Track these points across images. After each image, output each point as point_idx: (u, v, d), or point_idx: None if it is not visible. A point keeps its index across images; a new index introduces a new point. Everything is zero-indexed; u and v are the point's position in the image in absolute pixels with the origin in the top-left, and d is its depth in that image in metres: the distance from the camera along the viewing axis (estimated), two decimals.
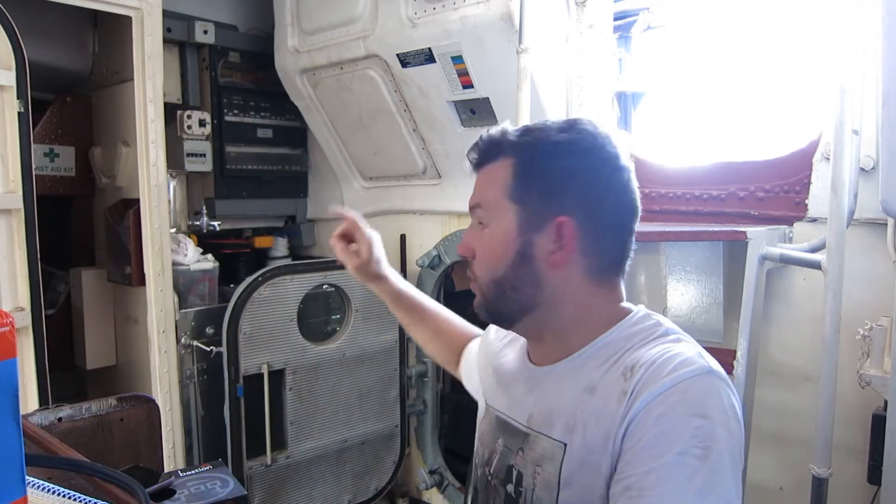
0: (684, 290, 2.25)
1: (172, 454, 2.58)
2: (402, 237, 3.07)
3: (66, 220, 3.13)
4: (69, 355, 2.95)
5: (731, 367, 1.88)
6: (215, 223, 3.02)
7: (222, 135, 3.03)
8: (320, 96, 3.01)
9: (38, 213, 2.15)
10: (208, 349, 2.58)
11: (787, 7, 2.38)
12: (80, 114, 2.89)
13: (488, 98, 2.46)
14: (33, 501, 0.71)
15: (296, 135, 3.32)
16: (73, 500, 0.73)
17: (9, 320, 0.60)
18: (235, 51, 3.07)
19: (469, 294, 1.10)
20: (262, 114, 3.18)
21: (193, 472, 0.83)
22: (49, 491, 0.74)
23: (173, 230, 2.76)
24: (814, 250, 1.93)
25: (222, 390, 2.46)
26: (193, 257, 2.73)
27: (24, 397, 2.11)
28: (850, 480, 1.88)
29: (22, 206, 2.11)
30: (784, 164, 2.18)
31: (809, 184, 2.11)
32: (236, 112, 3.08)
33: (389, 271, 1.39)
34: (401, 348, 2.88)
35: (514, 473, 1.02)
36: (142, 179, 2.51)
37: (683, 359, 0.89)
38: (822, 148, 2.07)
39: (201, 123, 2.89)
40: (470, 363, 1.31)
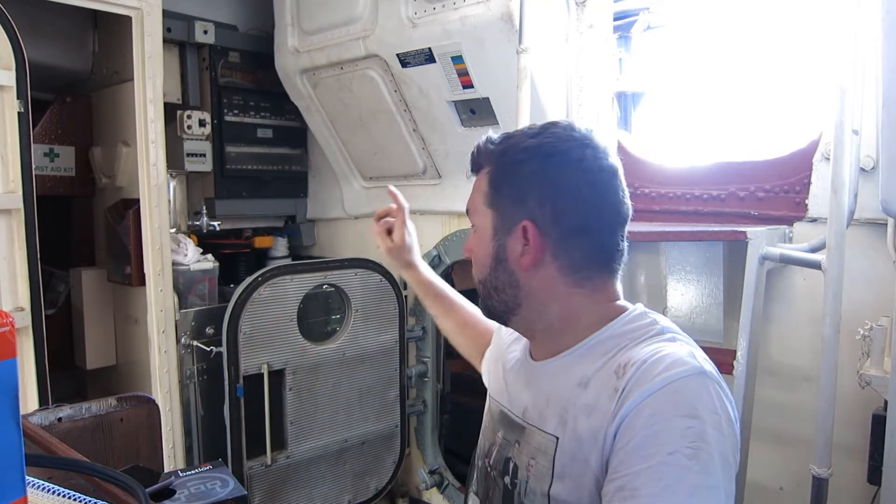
0: (684, 290, 2.25)
1: (172, 454, 2.58)
2: None
3: (66, 220, 3.13)
4: (69, 355, 2.95)
5: (731, 367, 1.88)
6: (215, 223, 3.02)
7: (222, 135, 3.03)
8: (320, 96, 3.01)
9: (38, 213, 2.15)
10: (208, 349, 2.58)
11: (787, 7, 2.38)
12: (80, 114, 2.89)
13: (488, 98, 2.46)
14: (33, 501, 0.71)
15: (296, 135, 3.32)
16: (73, 500, 0.73)
17: (9, 320, 0.60)
18: (235, 51, 3.07)
19: (469, 294, 1.13)
20: (262, 114, 3.18)
21: (193, 472, 0.83)
22: (49, 491, 0.74)
23: (173, 230, 2.76)
24: (814, 250, 1.93)
25: (222, 390, 2.46)
26: (193, 257, 2.73)
27: (24, 397, 2.12)
28: (850, 480, 1.88)
29: (22, 206, 2.11)
30: (784, 164, 2.18)
31: (809, 184, 2.11)
32: (236, 112, 3.08)
33: (420, 262, 1.51)
34: (401, 348, 2.88)
35: (511, 466, 1.04)
36: (142, 179, 2.51)
37: (675, 359, 0.89)
38: (822, 148, 2.07)
39: (201, 123, 2.89)
40: (488, 358, 1.34)
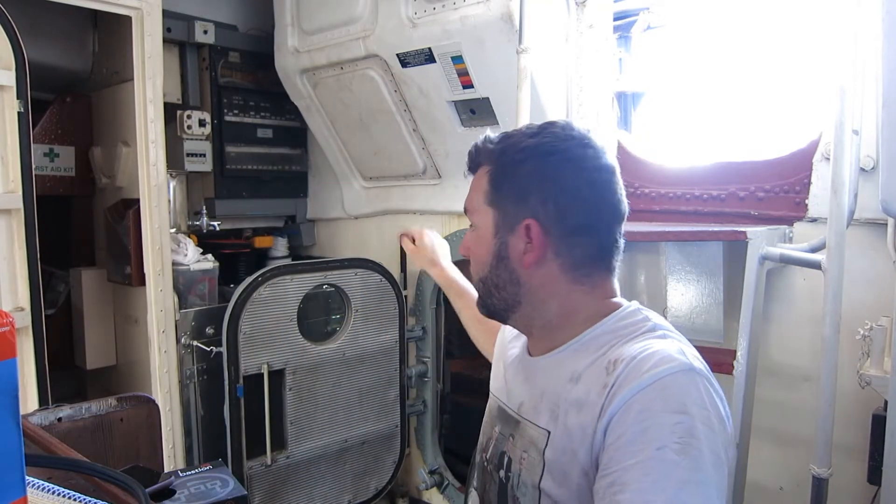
0: (684, 290, 2.25)
1: (172, 454, 2.58)
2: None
3: (66, 220, 3.13)
4: (69, 355, 2.95)
5: (731, 367, 1.88)
6: (215, 223, 3.02)
7: (222, 135, 3.03)
8: (320, 96, 3.01)
9: (38, 213, 2.15)
10: (208, 349, 2.58)
11: (787, 7, 2.38)
12: (80, 114, 2.89)
13: (488, 98, 2.46)
14: (33, 501, 0.71)
15: (296, 135, 3.32)
16: (73, 500, 0.73)
17: (9, 320, 0.60)
18: (235, 51, 3.07)
19: None
20: (262, 114, 3.18)
21: (193, 472, 0.83)
22: (49, 491, 0.74)
23: (173, 230, 2.76)
24: (814, 250, 1.93)
25: (222, 390, 2.46)
26: (193, 257, 2.73)
27: (24, 397, 2.11)
28: (850, 480, 1.88)
29: (22, 206, 2.11)
30: (784, 164, 2.18)
31: (809, 184, 2.11)
32: (236, 112, 3.08)
33: (446, 262, 1.67)
34: (401, 348, 2.88)
35: (506, 459, 1.06)
36: (142, 179, 2.51)
37: (663, 356, 0.90)
38: (822, 148, 2.07)
39: (201, 123, 2.89)
40: (493, 355, 1.36)
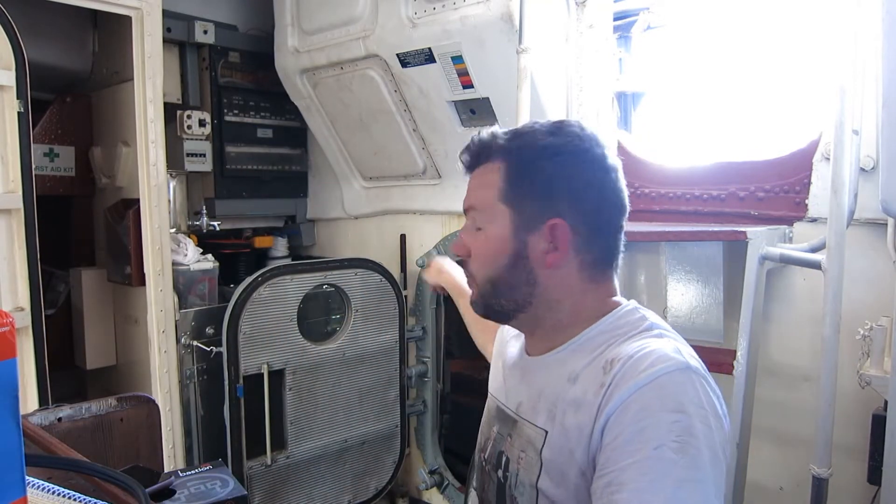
0: (684, 290, 2.25)
1: (172, 454, 2.58)
2: (402, 237, 3.07)
3: (66, 220, 3.13)
4: (69, 355, 2.95)
5: (731, 367, 1.88)
6: (215, 223, 3.02)
7: (222, 135, 3.03)
8: (320, 96, 3.01)
9: (38, 213, 2.15)
10: (208, 349, 2.58)
11: (787, 7, 2.38)
12: (80, 114, 2.89)
13: (488, 98, 2.46)
14: (33, 501, 0.71)
15: (296, 135, 3.32)
16: (73, 500, 0.73)
17: (9, 320, 0.60)
18: (235, 51, 3.07)
19: None
20: (262, 114, 3.18)
21: (193, 472, 0.83)
22: (49, 491, 0.73)
23: (173, 230, 2.76)
24: (814, 250, 1.93)
25: (222, 390, 2.46)
26: (193, 257, 2.73)
27: (24, 397, 2.11)
28: (850, 480, 1.88)
29: (22, 206, 2.11)
30: (784, 164, 2.18)
31: (809, 184, 2.11)
32: (236, 112, 3.08)
33: (455, 271, 1.63)
34: (401, 348, 2.88)
35: (504, 459, 1.06)
36: (142, 179, 2.51)
37: (660, 355, 0.90)
38: (822, 148, 2.07)
39: (201, 123, 2.89)
40: (492, 354, 1.35)
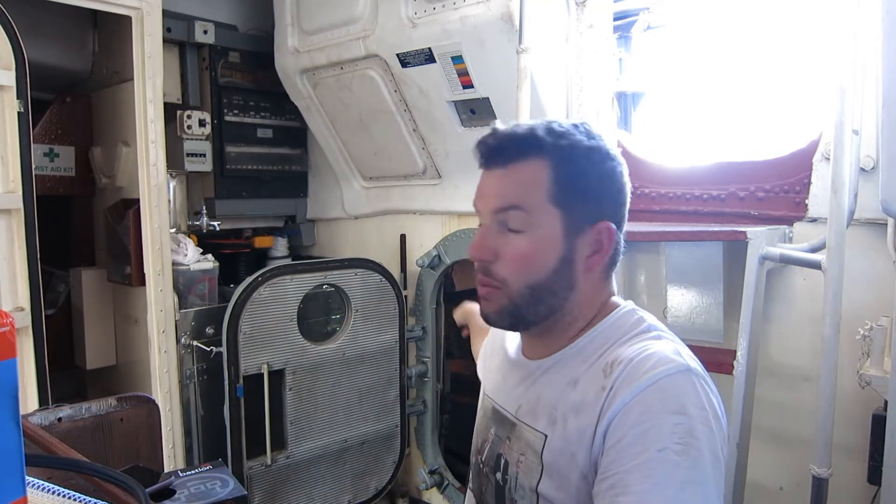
0: (684, 290, 2.25)
1: (172, 454, 2.58)
2: (402, 237, 3.07)
3: (66, 220, 3.13)
4: (69, 355, 2.95)
5: (731, 367, 1.88)
6: (215, 223, 3.02)
7: (222, 135, 3.03)
8: (320, 96, 3.01)
9: (38, 213, 2.15)
10: (208, 349, 2.58)
11: (787, 7, 2.38)
12: (80, 114, 2.89)
13: (488, 98, 2.46)
14: (33, 501, 0.71)
15: (296, 135, 3.32)
16: (73, 500, 0.73)
17: (9, 320, 0.59)
18: (235, 51, 3.07)
19: (469, 294, 1.10)
20: (262, 114, 3.18)
21: (193, 472, 0.83)
22: (49, 491, 0.73)
23: (173, 230, 2.76)
24: (814, 250, 1.93)
25: (222, 390, 2.46)
26: (193, 257, 2.73)
27: (24, 397, 2.11)
28: (850, 480, 1.88)
29: (22, 206, 2.11)
30: (784, 164, 2.18)
31: (809, 184, 2.11)
32: (236, 112, 3.08)
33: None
34: (401, 348, 2.88)
35: (502, 462, 1.05)
36: (142, 179, 2.51)
37: (660, 357, 0.91)
38: (822, 148, 2.07)
39: (201, 123, 2.89)
40: (483, 355, 1.34)
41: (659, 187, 2.43)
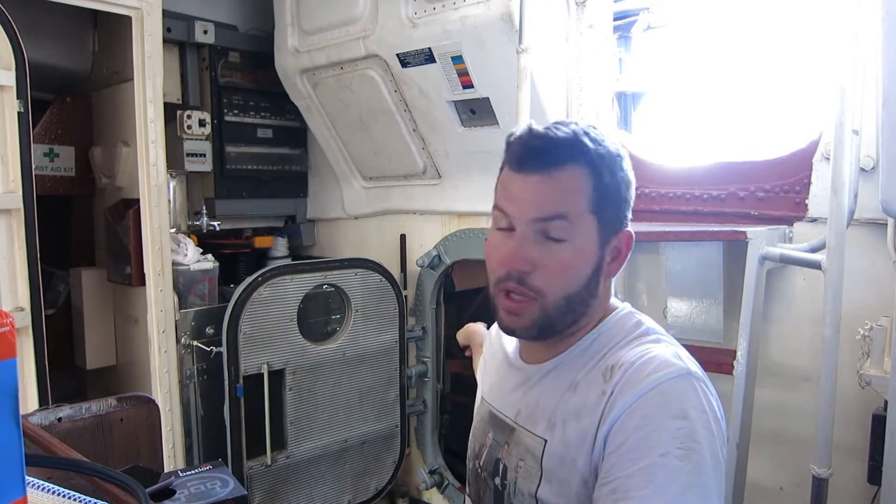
0: (684, 290, 2.25)
1: (172, 454, 2.58)
2: (402, 237, 3.07)
3: (66, 220, 3.13)
4: (69, 355, 2.95)
5: (731, 367, 1.88)
6: (215, 223, 3.02)
7: (222, 135, 3.03)
8: (320, 96, 3.01)
9: (38, 213, 2.15)
10: (208, 349, 2.58)
11: (787, 7, 2.38)
12: (80, 114, 2.89)
13: (488, 98, 2.46)
14: (33, 501, 0.71)
15: (296, 135, 3.32)
16: (73, 500, 0.73)
17: (9, 320, 0.60)
18: (235, 51, 3.07)
19: (469, 294, 1.10)
20: (262, 114, 3.18)
21: (193, 472, 0.83)
22: (49, 491, 0.73)
23: (173, 230, 2.76)
24: (814, 250, 1.93)
25: (222, 390, 2.46)
26: (193, 257, 2.73)
27: (24, 397, 2.11)
28: (850, 480, 1.88)
29: (22, 206, 2.11)
30: (784, 164, 2.18)
31: (809, 184, 2.11)
32: (236, 112, 3.08)
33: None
34: (401, 348, 2.88)
35: (501, 467, 1.05)
36: (142, 179, 2.51)
37: (661, 361, 0.90)
38: (822, 148, 2.07)
39: (201, 123, 2.89)
40: (481, 361, 1.34)
41: (659, 187, 2.43)
